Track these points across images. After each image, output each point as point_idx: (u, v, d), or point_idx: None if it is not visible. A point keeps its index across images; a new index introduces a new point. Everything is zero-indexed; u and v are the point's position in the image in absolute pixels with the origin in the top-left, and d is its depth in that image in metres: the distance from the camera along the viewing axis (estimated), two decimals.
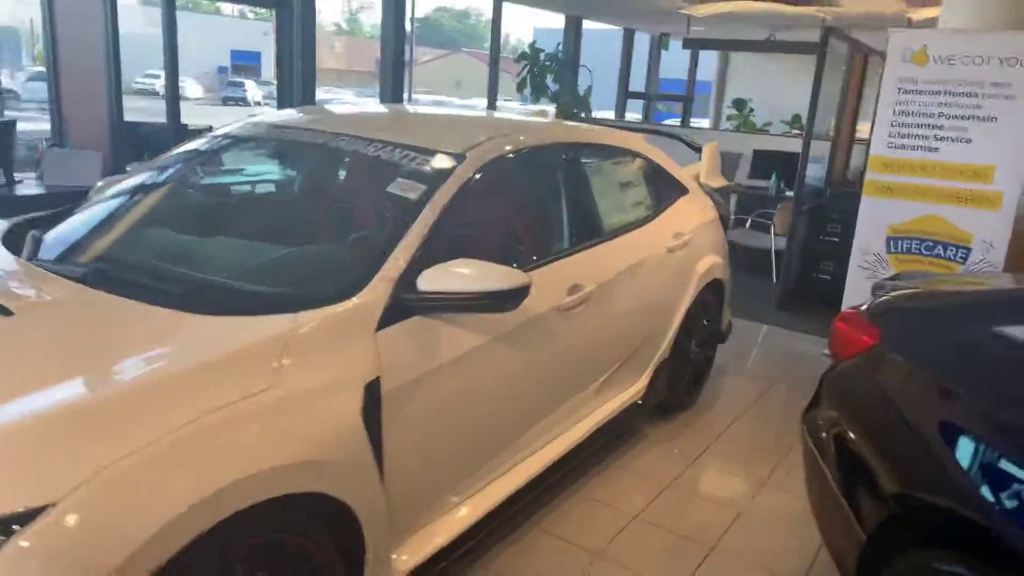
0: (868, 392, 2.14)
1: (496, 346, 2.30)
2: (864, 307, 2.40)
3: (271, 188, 3.26)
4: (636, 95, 12.24)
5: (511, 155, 2.63)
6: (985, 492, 1.65)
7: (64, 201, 2.92)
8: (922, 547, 1.81)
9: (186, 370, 1.65)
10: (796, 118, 11.34)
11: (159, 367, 1.68)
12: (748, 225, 6.78)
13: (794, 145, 6.76)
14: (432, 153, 2.45)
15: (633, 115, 13.75)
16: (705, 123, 15.50)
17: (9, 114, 9.26)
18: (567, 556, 2.61)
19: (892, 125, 4.46)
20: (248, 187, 3.25)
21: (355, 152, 2.59)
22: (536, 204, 2.92)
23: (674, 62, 13.33)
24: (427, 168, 2.39)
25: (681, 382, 3.74)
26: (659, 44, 13.19)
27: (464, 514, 2.31)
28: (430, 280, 2.03)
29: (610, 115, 11.55)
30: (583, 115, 9.31)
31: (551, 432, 2.74)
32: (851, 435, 2.12)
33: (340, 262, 2.27)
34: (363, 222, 2.56)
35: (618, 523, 2.83)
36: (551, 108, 8.86)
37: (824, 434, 2.26)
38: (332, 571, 1.83)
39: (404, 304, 2.03)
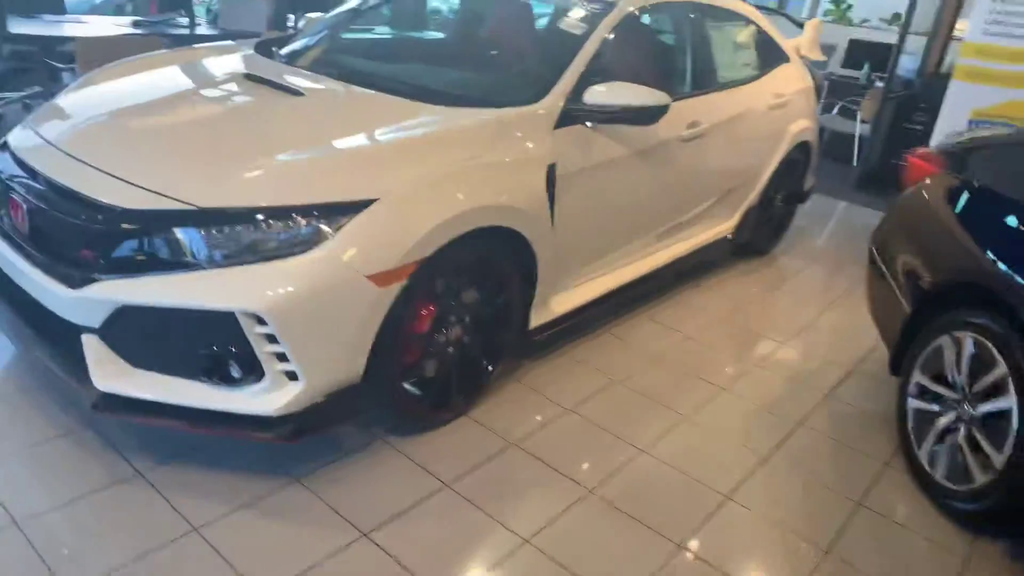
0: (924, 205, 2.74)
1: (634, 159, 2.94)
2: (931, 149, 2.95)
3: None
4: None
5: (651, 6, 3.18)
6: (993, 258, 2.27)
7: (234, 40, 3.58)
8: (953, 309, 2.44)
9: (438, 135, 2.37)
10: (896, 16, 11.12)
11: (422, 131, 2.38)
12: (836, 111, 7.09)
13: (889, 37, 6.95)
14: (594, 1, 3.03)
15: None
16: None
17: None
18: (667, 336, 3.34)
19: (990, 13, 4.75)
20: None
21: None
22: (668, 48, 3.48)
23: None
24: (589, 12, 2.97)
25: (765, 229, 4.34)
26: None
27: (597, 286, 3.05)
28: (593, 94, 2.66)
29: None
30: None
31: (665, 240, 3.42)
32: (906, 237, 2.74)
33: (529, 80, 2.88)
34: (545, 53, 3.13)
35: (706, 320, 3.55)
36: None
37: (885, 242, 2.88)
38: (514, 297, 2.59)
39: (572, 113, 2.67)
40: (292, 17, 5.53)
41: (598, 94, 2.66)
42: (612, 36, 2.90)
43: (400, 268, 2.07)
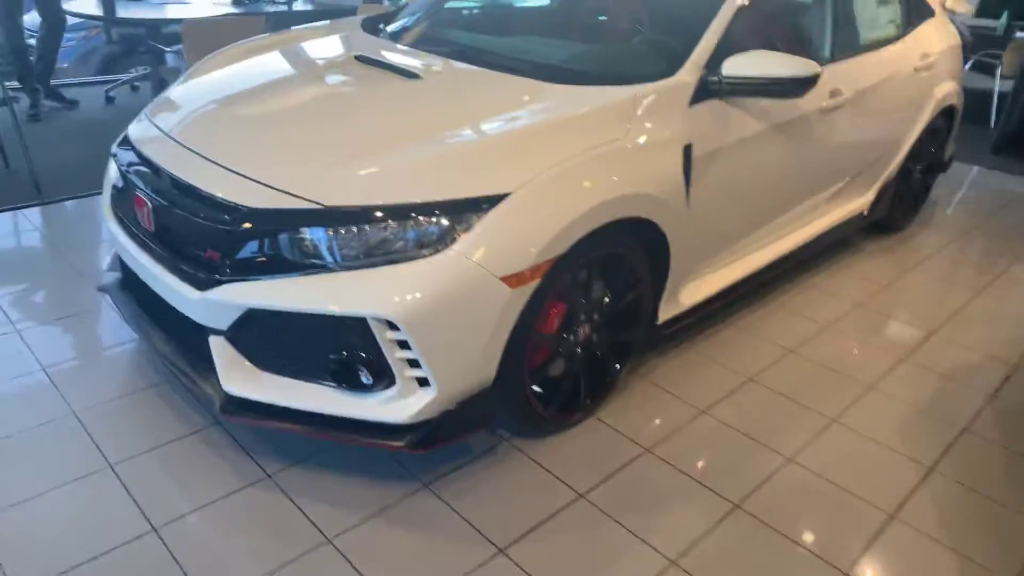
0: None
1: (772, 134, 2.67)
2: None
3: None
4: None
5: None
6: None
7: (331, 15, 3.44)
8: None
9: (568, 118, 2.17)
10: None
11: (551, 115, 2.19)
12: (969, 66, 6.44)
13: None
14: None
15: None
16: None
17: None
18: (801, 326, 3.08)
19: None
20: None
21: None
22: (807, 7, 3.14)
23: None
24: None
25: (902, 204, 3.96)
26: None
27: (728, 274, 2.81)
28: (733, 65, 2.40)
29: None
30: None
31: (801, 219, 3.14)
32: None
33: (658, 51, 2.65)
34: (674, 19, 2.86)
35: (841, 307, 3.25)
36: None
37: None
38: (644, 290, 2.40)
39: (708, 87, 2.43)
40: None
41: (740, 65, 2.40)
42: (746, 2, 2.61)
43: (534, 268, 1.92)
